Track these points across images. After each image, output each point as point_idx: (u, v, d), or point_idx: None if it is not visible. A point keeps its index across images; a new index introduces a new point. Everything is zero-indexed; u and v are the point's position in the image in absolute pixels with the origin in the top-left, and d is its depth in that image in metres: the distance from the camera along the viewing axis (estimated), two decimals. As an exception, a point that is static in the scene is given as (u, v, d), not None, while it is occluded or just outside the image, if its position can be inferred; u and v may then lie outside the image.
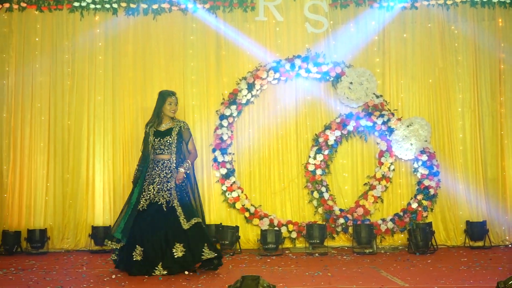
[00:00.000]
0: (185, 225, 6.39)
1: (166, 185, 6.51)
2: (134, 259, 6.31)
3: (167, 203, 6.47)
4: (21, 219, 8.33)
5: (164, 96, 6.74)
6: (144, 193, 6.52)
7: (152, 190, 6.51)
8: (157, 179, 6.54)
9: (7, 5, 8.34)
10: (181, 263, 6.35)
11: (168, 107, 6.69)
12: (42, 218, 8.36)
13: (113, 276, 6.30)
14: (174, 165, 6.58)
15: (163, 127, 6.70)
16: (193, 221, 6.44)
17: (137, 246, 6.33)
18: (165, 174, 6.56)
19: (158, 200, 6.48)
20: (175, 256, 6.33)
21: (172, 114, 6.71)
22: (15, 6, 8.37)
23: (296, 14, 8.62)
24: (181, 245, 6.35)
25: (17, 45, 8.45)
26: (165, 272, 6.29)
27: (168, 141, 6.62)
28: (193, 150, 6.74)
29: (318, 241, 8.08)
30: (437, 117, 8.57)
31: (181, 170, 6.51)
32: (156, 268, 6.30)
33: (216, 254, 6.46)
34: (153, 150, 6.64)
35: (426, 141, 8.33)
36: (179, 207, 6.46)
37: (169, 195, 6.48)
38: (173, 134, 6.63)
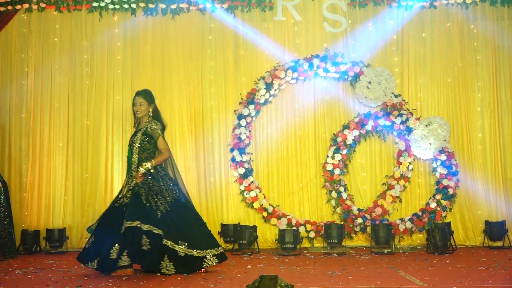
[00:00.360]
0: (122, 228, 6.18)
1: (130, 186, 6.42)
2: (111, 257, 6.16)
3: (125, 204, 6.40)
4: (40, 219, 8.45)
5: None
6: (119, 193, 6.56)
7: (123, 191, 6.49)
8: (126, 179, 6.52)
9: (26, 5, 8.45)
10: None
11: (133, 108, 6.61)
12: (61, 217, 8.47)
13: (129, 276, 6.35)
14: (136, 165, 6.43)
15: (137, 128, 6.65)
16: (128, 224, 6.13)
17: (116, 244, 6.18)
18: (130, 175, 6.47)
19: (123, 201, 6.42)
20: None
21: (137, 115, 6.57)
22: (34, 7, 8.48)
23: (314, 14, 8.70)
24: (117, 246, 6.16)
25: (36, 45, 8.57)
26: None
27: (133, 142, 6.50)
28: (163, 150, 6.44)
29: (336, 241, 8.13)
30: (456, 116, 8.62)
31: (140, 169, 6.33)
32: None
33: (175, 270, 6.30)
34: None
35: (445, 140, 8.38)
36: (127, 208, 6.31)
37: (129, 196, 6.40)
38: (138, 134, 6.48)
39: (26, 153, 8.51)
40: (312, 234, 8.38)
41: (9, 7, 8.37)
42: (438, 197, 8.42)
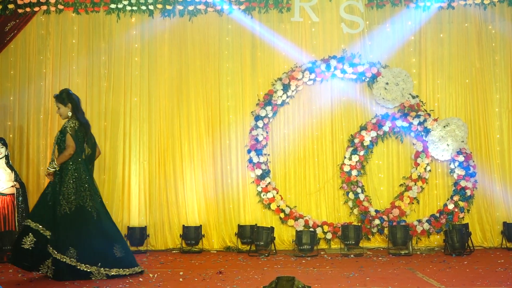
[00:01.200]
0: None
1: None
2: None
3: None
4: None
5: None
6: None
7: None
8: None
9: (44, 7, 8.62)
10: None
11: None
12: None
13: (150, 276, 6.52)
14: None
15: None
16: (25, 222, 6.46)
17: None
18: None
19: None
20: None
21: (61, 118, 6.71)
22: (52, 9, 8.65)
23: (332, 15, 8.81)
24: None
25: (54, 47, 8.75)
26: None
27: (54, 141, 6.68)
28: (67, 147, 6.47)
29: (353, 242, 8.27)
30: (474, 117, 8.72)
31: (47, 168, 6.52)
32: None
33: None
34: None
35: (463, 141, 8.48)
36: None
37: None
38: (57, 133, 6.64)
39: (43, 155, 8.68)
40: (329, 236, 8.50)
41: (27, 9, 8.53)
42: (455, 198, 8.52)
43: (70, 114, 6.57)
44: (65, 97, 6.61)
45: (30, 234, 6.25)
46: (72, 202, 6.35)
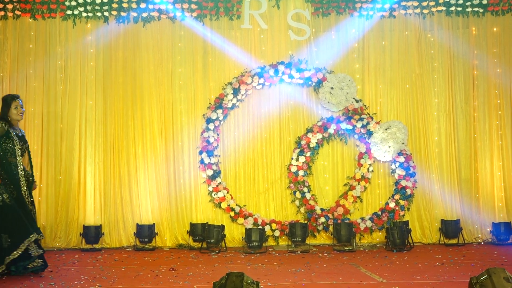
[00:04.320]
0: None
1: None
2: None
3: None
4: None
5: (9, 100, 6.86)
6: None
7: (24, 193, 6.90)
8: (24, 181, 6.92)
9: (2, 13, 8.96)
10: None
11: (14, 111, 6.84)
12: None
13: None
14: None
15: (20, 132, 6.97)
16: None
17: None
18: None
19: None
20: None
21: (20, 118, 6.93)
22: (10, 14, 8.97)
23: (280, 22, 9.28)
24: None
25: (11, 51, 9.07)
26: None
27: (26, 147, 7.00)
28: None
29: (300, 239, 8.73)
30: (414, 120, 9.27)
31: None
32: None
33: None
34: (15, 153, 6.83)
35: (403, 143, 9.04)
36: None
37: None
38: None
39: None
40: (277, 233, 8.94)
41: None
42: (396, 197, 9.05)
43: None
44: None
45: None
46: None
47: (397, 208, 9.04)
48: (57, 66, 9.10)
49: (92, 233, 8.76)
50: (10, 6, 8.92)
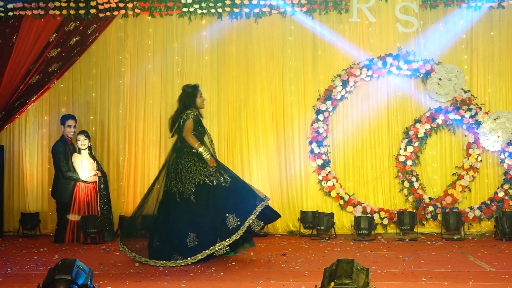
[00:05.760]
0: None
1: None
2: None
3: None
4: (136, 206, 9.03)
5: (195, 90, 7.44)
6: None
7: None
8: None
9: (123, 12, 9.54)
10: None
11: (199, 100, 7.46)
12: (153, 204, 9.46)
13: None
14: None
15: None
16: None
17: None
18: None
19: None
20: None
21: (203, 106, 7.57)
22: (130, 13, 9.57)
23: (387, 15, 9.52)
24: None
25: (131, 47, 9.68)
26: None
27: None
28: None
29: (408, 228, 8.93)
30: None
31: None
32: None
33: None
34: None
35: None
36: None
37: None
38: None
39: (123, 146, 9.62)
40: (385, 221, 9.23)
41: (108, 13, 9.47)
42: (506, 186, 9.17)
43: None
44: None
45: None
46: None
47: (506, 198, 9.16)
48: (174, 61, 9.63)
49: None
50: (130, 5, 9.51)
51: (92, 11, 9.45)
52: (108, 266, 6.79)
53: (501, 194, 9.18)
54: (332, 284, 4.08)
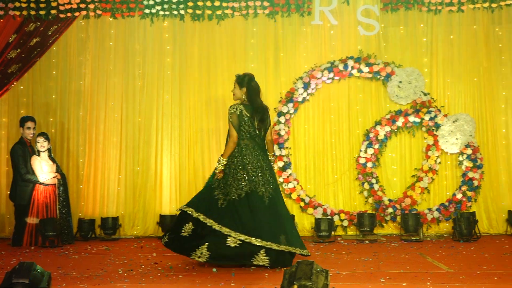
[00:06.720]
0: None
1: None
2: None
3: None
4: (95, 208, 9.57)
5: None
6: None
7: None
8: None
9: (84, 13, 9.54)
10: None
11: None
12: (114, 207, 9.59)
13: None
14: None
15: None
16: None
17: None
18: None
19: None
20: None
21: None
22: (91, 14, 9.57)
23: (349, 18, 9.64)
24: None
25: (93, 49, 9.69)
26: None
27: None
28: (229, 137, 6.99)
29: (368, 229, 9.11)
30: (481, 113, 9.54)
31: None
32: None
33: None
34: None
35: (471, 135, 9.36)
36: None
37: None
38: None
39: (83, 148, 9.63)
40: (345, 223, 9.38)
41: (69, 14, 9.44)
42: (464, 188, 9.37)
43: (244, 97, 6.97)
44: (245, 81, 7.02)
45: (190, 222, 6.67)
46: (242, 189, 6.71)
47: (464, 199, 9.36)
48: (135, 62, 9.68)
49: (168, 222, 9.21)
50: (91, 6, 9.52)
51: (53, 11, 9.41)
52: (67, 269, 6.79)
53: (459, 196, 9.38)
54: (295, 286, 4.16)
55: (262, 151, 6.85)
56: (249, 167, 6.72)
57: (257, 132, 6.83)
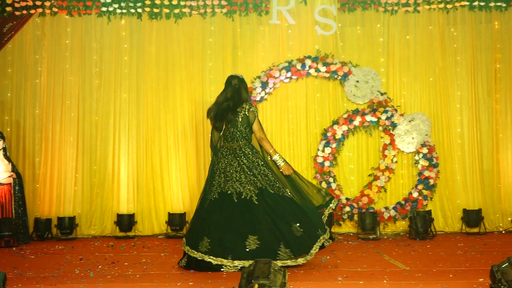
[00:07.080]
0: None
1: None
2: None
3: None
4: (52, 208, 9.50)
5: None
6: None
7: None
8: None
9: (40, 10, 9.49)
10: None
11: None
12: (71, 206, 9.53)
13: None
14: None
15: None
16: None
17: None
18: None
19: None
20: None
21: None
22: (47, 11, 9.53)
23: (307, 18, 9.72)
24: None
25: (49, 47, 9.63)
26: None
27: None
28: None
29: None
30: (437, 112, 9.68)
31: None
32: None
33: None
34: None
35: (427, 135, 9.50)
36: None
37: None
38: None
39: (39, 147, 9.57)
40: None
41: (24, 12, 9.37)
42: (419, 187, 9.50)
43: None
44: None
45: None
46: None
47: (420, 198, 9.48)
48: (92, 61, 9.65)
49: (126, 221, 9.33)
50: (47, 4, 9.47)
51: (8, 9, 9.33)
52: (23, 269, 6.74)
53: (415, 195, 9.50)
54: (256, 285, 4.18)
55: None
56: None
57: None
